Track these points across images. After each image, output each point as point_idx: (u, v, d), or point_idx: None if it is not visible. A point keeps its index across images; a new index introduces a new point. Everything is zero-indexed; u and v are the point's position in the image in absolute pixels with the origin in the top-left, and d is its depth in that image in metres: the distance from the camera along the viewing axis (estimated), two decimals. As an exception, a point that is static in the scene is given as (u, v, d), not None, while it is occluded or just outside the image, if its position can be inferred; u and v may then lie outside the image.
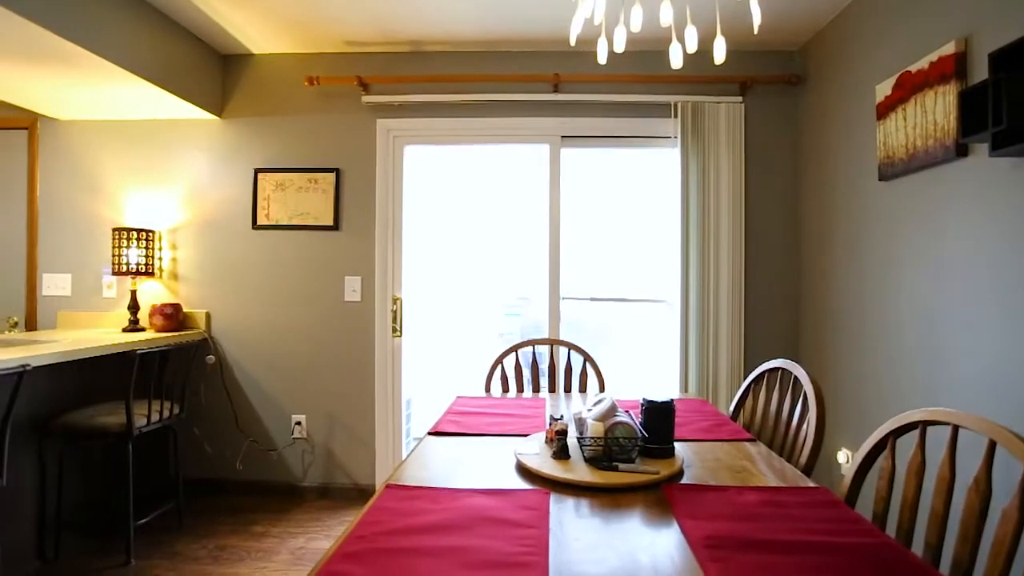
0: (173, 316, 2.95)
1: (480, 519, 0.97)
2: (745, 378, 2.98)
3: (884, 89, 2.20)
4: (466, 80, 3.04)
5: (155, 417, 2.47)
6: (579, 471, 1.19)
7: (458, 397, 2.06)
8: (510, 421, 1.72)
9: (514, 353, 2.43)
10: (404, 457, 1.38)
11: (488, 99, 3.03)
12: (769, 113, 3.05)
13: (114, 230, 2.93)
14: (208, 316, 3.11)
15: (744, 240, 3.00)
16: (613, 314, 3.41)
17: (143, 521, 2.51)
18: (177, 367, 2.85)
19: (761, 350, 3.02)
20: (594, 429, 1.23)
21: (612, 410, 1.29)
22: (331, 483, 3.09)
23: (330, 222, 3.05)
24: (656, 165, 3.23)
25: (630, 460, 1.22)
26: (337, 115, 3.11)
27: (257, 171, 3.10)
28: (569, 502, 1.08)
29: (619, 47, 1.57)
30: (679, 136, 2.99)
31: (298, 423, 3.08)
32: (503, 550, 0.86)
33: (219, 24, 2.82)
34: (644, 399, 1.33)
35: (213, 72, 3.10)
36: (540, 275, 3.20)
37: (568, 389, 2.39)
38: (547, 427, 1.41)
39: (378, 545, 0.87)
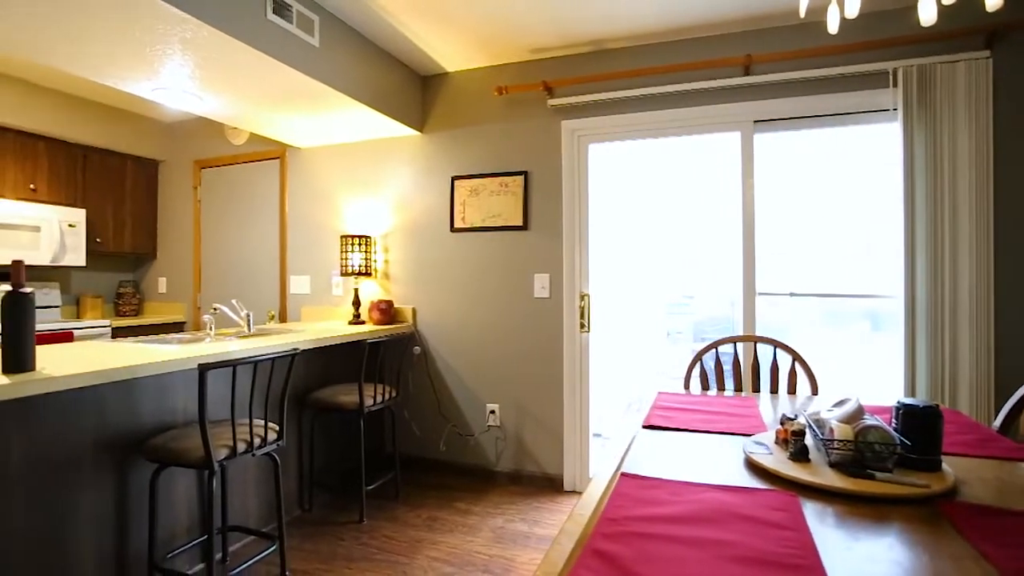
0: (387, 311, 3.36)
1: (729, 515, 0.95)
2: (1001, 389, 2.50)
3: None
4: (649, 73, 2.99)
5: (379, 399, 2.83)
6: (826, 475, 1.10)
7: (659, 393, 2.04)
8: (722, 419, 1.66)
9: (714, 350, 2.33)
10: (621, 450, 1.41)
11: (672, 90, 2.94)
12: (1031, 67, 2.51)
13: (341, 237, 3.44)
14: (414, 311, 3.49)
15: (992, 229, 2.50)
16: (809, 311, 3.09)
17: (370, 488, 2.90)
18: (392, 356, 3.25)
19: (1021, 358, 2.49)
20: (842, 432, 1.13)
21: (859, 412, 1.17)
22: (521, 469, 3.26)
23: (520, 223, 3.23)
24: (867, 145, 2.85)
25: (886, 469, 1.10)
26: (524, 120, 3.28)
27: (454, 178, 3.39)
28: (821, 507, 1.01)
29: (852, 11, 1.42)
30: (900, 108, 2.60)
31: (492, 411, 3.31)
32: (767, 549, 0.83)
33: (420, 48, 3.14)
34: (899, 403, 1.19)
35: (415, 93, 3.46)
36: (712, 271, 3.02)
37: (775, 390, 2.22)
38: (777, 426, 1.33)
39: (632, 529, 0.91)
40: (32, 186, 3.68)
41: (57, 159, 3.83)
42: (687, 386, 2.29)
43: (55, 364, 1.76)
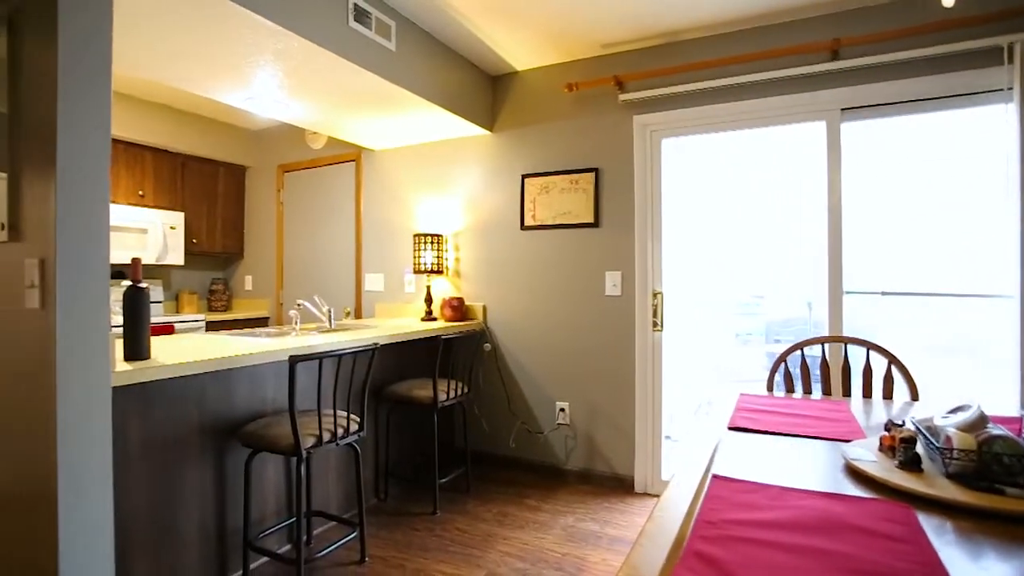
0: (458, 308, 3.42)
1: (837, 524, 0.90)
2: None
3: None
4: (725, 63, 2.87)
5: (452, 394, 2.89)
6: (945, 488, 1.02)
7: (741, 394, 1.96)
8: (813, 423, 1.57)
9: (799, 351, 2.21)
10: (701, 452, 1.36)
11: (751, 80, 2.81)
12: None
13: (414, 236, 3.53)
14: (485, 308, 3.53)
15: None
16: (901, 311, 2.87)
17: (443, 481, 2.97)
18: (463, 352, 3.31)
19: None
20: (962, 441, 1.04)
21: (982, 421, 1.08)
22: (591, 469, 3.23)
23: (591, 220, 3.19)
24: (973, 129, 2.61)
25: (1016, 484, 1.00)
26: (594, 117, 3.24)
27: (524, 177, 3.41)
28: (939, 522, 0.93)
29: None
30: (1017, 87, 2.36)
31: (562, 409, 3.30)
32: (886, 563, 0.78)
33: (490, 48, 3.17)
34: (1029, 411, 1.08)
35: (485, 93, 3.50)
36: (786, 270, 2.86)
37: (867, 394, 2.08)
38: (881, 432, 1.25)
39: (732, 533, 0.87)
40: (140, 192, 4.02)
41: (161, 167, 4.17)
42: (770, 388, 2.18)
43: (164, 354, 1.92)
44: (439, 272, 3.55)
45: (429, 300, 3.53)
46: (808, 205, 2.90)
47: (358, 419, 2.25)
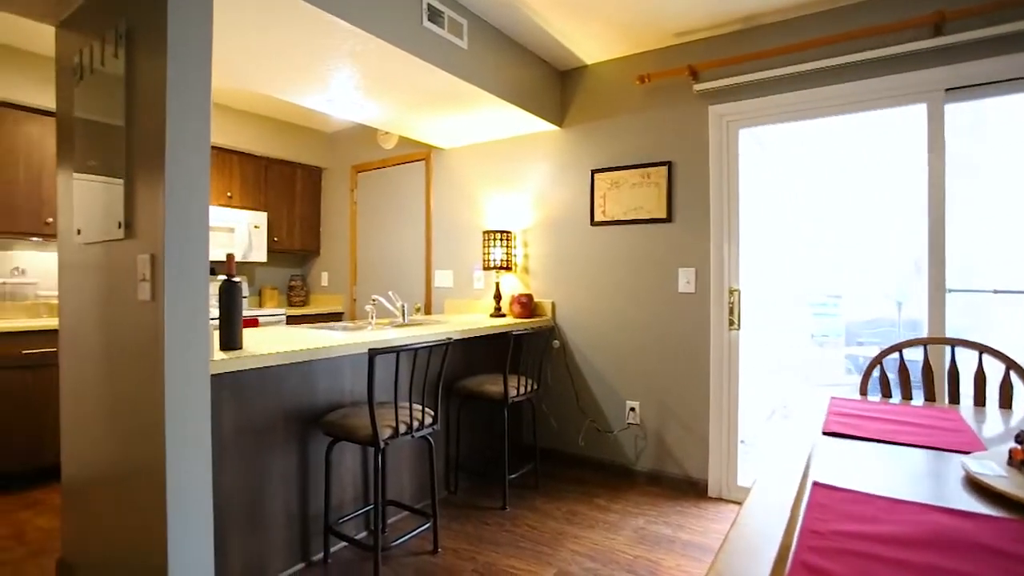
0: (527, 305, 3.42)
1: (966, 543, 0.82)
2: None
3: None
4: (809, 46, 2.70)
5: (521, 390, 2.89)
6: (1092, 509, 0.90)
7: (832, 398, 1.84)
8: (920, 431, 1.44)
9: (897, 353, 2.05)
10: (799, 458, 1.28)
11: (837, 63, 2.63)
12: None
13: (483, 232, 3.56)
14: (553, 305, 3.51)
15: None
16: (1015, 311, 2.59)
17: (512, 477, 2.98)
18: (532, 349, 3.30)
19: None
20: (1113, 457, 0.92)
21: None
22: (662, 471, 3.14)
23: (663, 215, 3.10)
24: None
25: None
26: (667, 109, 3.14)
27: (593, 172, 3.35)
28: (1088, 547, 0.82)
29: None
30: None
31: (632, 409, 3.23)
32: (1030, 587, 0.69)
33: (560, 43, 3.14)
34: None
35: (554, 88, 3.48)
36: (867, 268, 2.64)
37: (980, 402, 1.89)
38: (1011, 444, 1.13)
39: (845, 546, 0.81)
40: (229, 194, 4.29)
41: (246, 170, 4.43)
42: (864, 392, 2.03)
43: (253, 345, 2.03)
44: (508, 269, 3.56)
45: (498, 297, 3.55)
46: (900, 196, 2.69)
47: (432, 412, 2.30)
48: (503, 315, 3.52)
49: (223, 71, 2.62)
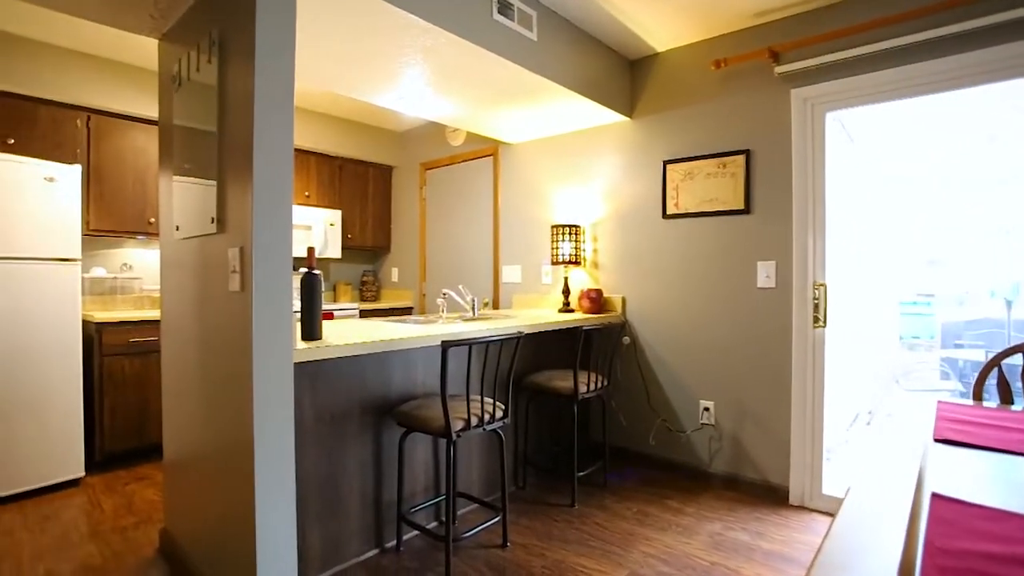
0: (597, 300, 3.36)
1: None
2: None
3: None
4: (909, 17, 2.46)
5: (591, 386, 2.84)
6: None
7: (940, 402, 1.68)
8: (1050, 443, 1.28)
9: (1021, 354, 1.84)
10: (905, 467, 1.17)
11: (945, 33, 2.38)
12: None
13: (552, 227, 3.53)
14: (624, 300, 3.43)
15: None
16: None
17: (581, 474, 2.93)
18: (602, 345, 3.24)
19: None
20: None
21: None
22: (738, 474, 3.00)
23: (740, 206, 2.95)
24: None
25: None
26: (744, 94, 2.98)
27: (665, 163, 3.24)
28: None
29: None
30: None
31: (706, 409, 3.10)
32: None
33: (630, 30, 3.04)
34: None
35: (624, 78, 3.38)
36: (967, 265, 2.36)
37: (1121, 412, 1.66)
38: None
39: (982, 568, 0.72)
40: (306, 193, 4.49)
41: (322, 170, 4.62)
42: (978, 397, 1.84)
43: (331, 336, 2.10)
44: (577, 263, 3.51)
45: (567, 291, 3.51)
46: (1015, 181, 2.41)
47: (503, 406, 2.30)
48: (571, 310, 3.48)
49: (301, 73, 2.73)
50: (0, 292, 2.73)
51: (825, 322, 2.74)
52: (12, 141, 3.11)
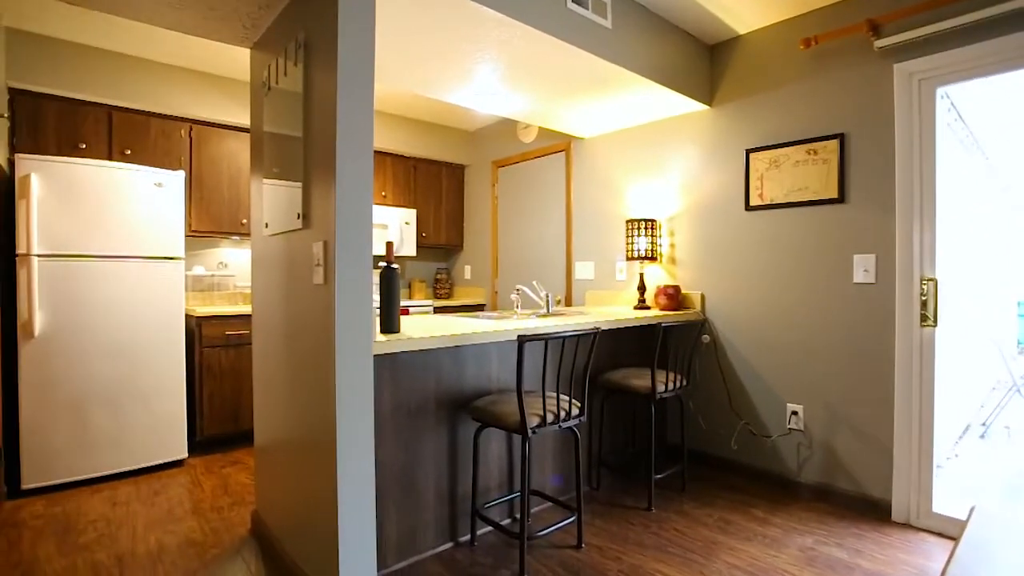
0: (674, 296, 3.23)
1: None
2: None
3: None
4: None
5: (669, 386, 2.73)
6: None
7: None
8: None
9: None
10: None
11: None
12: None
13: (627, 221, 3.43)
14: (703, 297, 3.28)
15: None
16: None
17: (658, 477, 2.83)
18: (680, 343, 3.11)
19: None
20: None
21: None
22: (831, 485, 2.78)
23: (834, 194, 2.73)
24: None
25: None
26: (837, 73, 2.75)
27: (748, 152, 3.06)
28: None
29: None
30: None
31: (794, 413, 2.90)
32: None
33: (710, 12, 2.89)
34: None
35: (703, 64, 3.23)
36: None
37: None
38: None
39: None
40: (383, 193, 4.65)
41: (398, 170, 4.76)
42: None
43: (408, 330, 2.14)
44: (652, 259, 3.39)
45: (642, 288, 3.40)
46: None
47: (579, 404, 2.25)
48: (647, 307, 3.37)
49: (379, 74, 2.80)
50: (116, 288, 3.02)
51: (936, 321, 2.48)
52: (129, 152, 3.42)
